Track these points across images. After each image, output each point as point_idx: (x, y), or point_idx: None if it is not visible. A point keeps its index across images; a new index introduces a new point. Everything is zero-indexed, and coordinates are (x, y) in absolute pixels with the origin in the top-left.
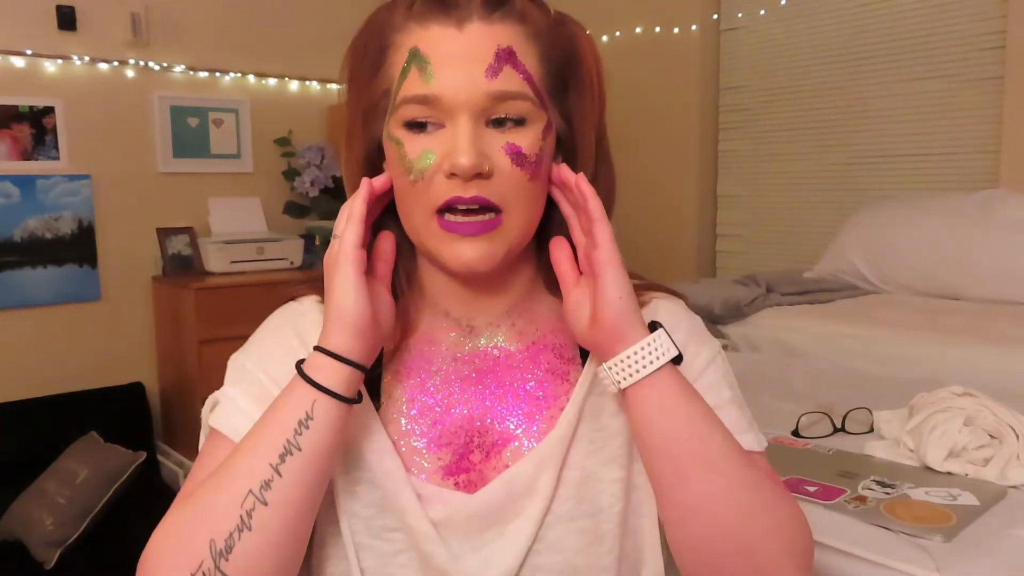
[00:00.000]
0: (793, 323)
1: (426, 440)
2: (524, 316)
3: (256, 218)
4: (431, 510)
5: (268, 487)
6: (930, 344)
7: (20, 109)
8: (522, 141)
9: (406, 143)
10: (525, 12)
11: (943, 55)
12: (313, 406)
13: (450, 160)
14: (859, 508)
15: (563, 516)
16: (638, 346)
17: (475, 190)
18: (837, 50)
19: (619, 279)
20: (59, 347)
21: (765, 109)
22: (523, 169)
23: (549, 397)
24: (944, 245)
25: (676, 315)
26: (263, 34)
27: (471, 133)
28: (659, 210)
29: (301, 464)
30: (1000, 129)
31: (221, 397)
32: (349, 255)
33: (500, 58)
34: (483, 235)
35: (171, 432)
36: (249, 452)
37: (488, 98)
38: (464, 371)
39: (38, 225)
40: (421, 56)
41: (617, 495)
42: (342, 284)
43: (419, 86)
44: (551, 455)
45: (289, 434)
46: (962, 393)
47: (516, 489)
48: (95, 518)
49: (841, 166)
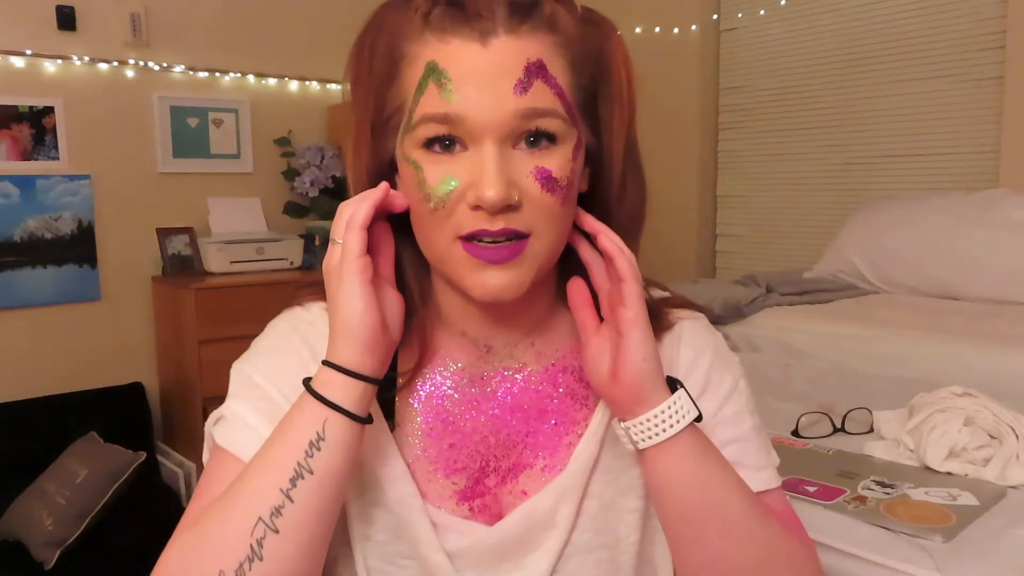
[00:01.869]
0: (793, 323)
1: (441, 463)
2: (544, 336)
3: (256, 218)
4: (447, 540)
5: (279, 513)
6: (930, 344)
7: (20, 109)
8: (552, 163)
9: (425, 167)
10: (555, 18)
11: (943, 55)
12: (324, 426)
13: (475, 192)
14: (859, 508)
15: (581, 548)
16: (658, 409)
17: (503, 223)
18: (837, 50)
19: (645, 341)
20: (59, 347)
21: (765, 109)
22: (554, 195)
23: (568, 422)
24: (944, 245)
25: (701, 339)
26: (263, 34)
27: (498, 160)
28: (659, 210)
29: (313, 487)
30: (1000, 129)
31: (227, 412)
32: (353, 266)
33: (530, 72)
34: (510, 261)
35: (171, 432)
36: (258, 476)
37: (517, 117)
38: (480, 393)
39: (38, 225)
40: (440, 71)
41: (634, 525)
42: (349, 297)
43: (439, 104)
44: (571, 487)
45: (300, 456)
46: (962, 393)
47: (536, 522)
48: (95, 518)
49: (841, 166)
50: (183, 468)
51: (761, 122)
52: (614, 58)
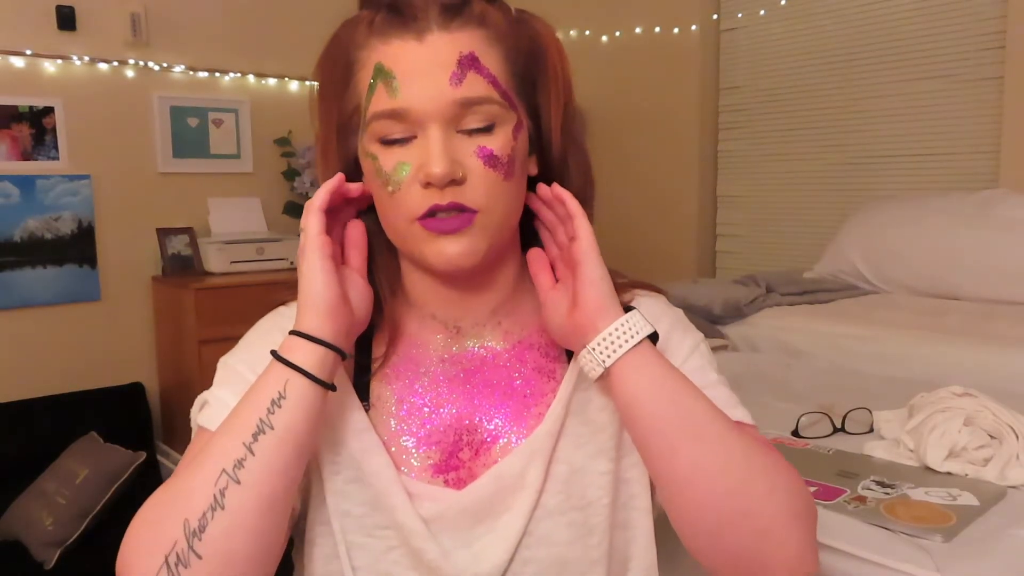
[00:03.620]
0: (793, 323)
1: (415, 440)
2: (510, 316)
3: (256, 218)
4: (421, 507)
5: (241, 466)
6: (930, 344)
7: (20, 109)
8: (493, 144)
9: (381, 157)
10: (484, 16)
11: (943, 55)
12: (286, 385)
13: (424, 170)
14: (859, 508)
15: (552, 510)
16: (618, 323)
17: (451, 196)
18: (837, 50)
19: (598, 263)
20: (59, 347)
21: (765, 109)
22: (496, 171)
23: (536, 394)
24: (944, 245)
25: (658, 308)
26: (263, 34)
27: (442, 142)
28: (659, 210)
29: (274, 443)
30: (1000, 129)
31: (210, 397)
32: (312, 241)
33: (463, 65)
34: (463, 231)
35: (171, 432)
36: (224, 433)
37: (455, 105)
38: (452, 371)
39: (38, 225)
40: (386, 71)
41: (605, 488)
42: (309, 269)
43: (387, 101)
44: (539, 449)
45: (262, 413)
46: (962, 393)
47: (505, 484)
48: (95, 518)
49: (841, 166)
50: None
51: (761, 122)
52: (548, 46)
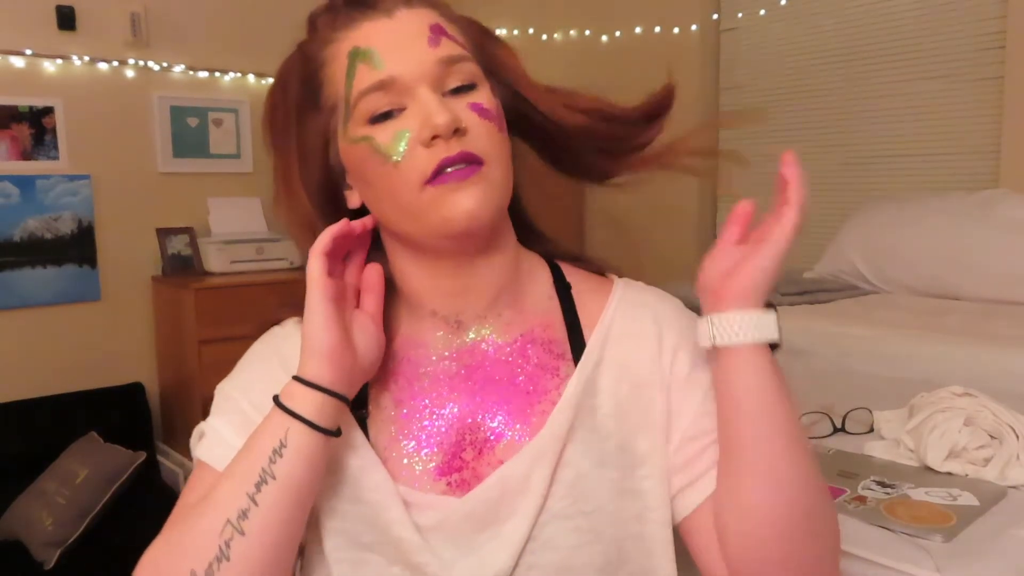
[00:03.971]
0: (793, 323)
1: (416, 442)
2: (511, 307)
3: (256, 218)
4: (423, 517)
5: (245, 516)
6: (930, 344)
7: (20, 109)
8: (480, 99)
9: (376, 135)
10: (436, 4)
11: (943, 55)
12: (287, 434)
13: (428, 125)
14: (859, 508)
15: (558, 514)
16: (755, 313)
17: (458, 146)
18: (837, 50)
19: (779, 257)
20: (59, 347)
21: (765, 109)
22: (491, 121)
23: (539, 391)
24: (944, 245)
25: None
26: (263, 34)
27: (436, 98)
28: (659, 210)
29: (276, 493)
30: (1000, 129)
31: (207, 428)
32: (315, 283)
33: (435, 31)
34: (474, 178)
35: (171, 432)
36: (227, 481)
37: (440, 64)
38: (453, 368)
39: (38, 225)
40: (363, 51)
41: (610, 494)
42: (310, 312)
43: (372, 75)
44: (544, 452)
45: (264, 462)
46: (962, 393)
47: (509, 488)
48: (95, 518)
49: (841, 166)
50: (183, 468)
51: (761, 122)
52: (492, 38)
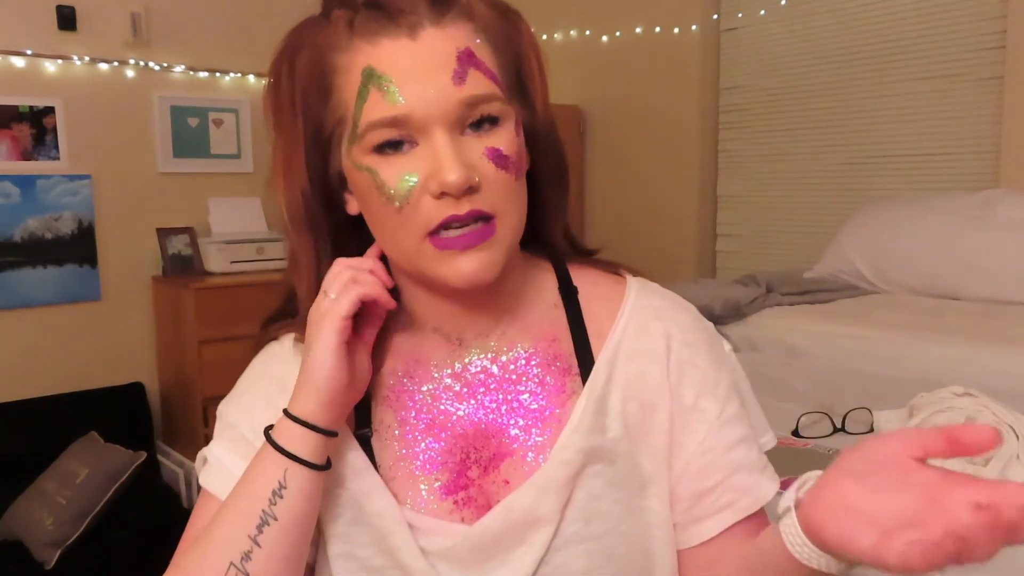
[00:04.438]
0: (793, 323)
1: (421, 461)
2: (514, 324)
3: (256, 218)
4: (431, 542)
5: (248, 558)
6: (930, 344)
7: (20, 109)
8: (500, 142)
9: (380, 170)
10: (472, 8)
11: (943, 55)
12: (286, 475)
13: (437, 179)
14: None
15: (570, 539)
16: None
17: (468, 205)
18: (837, 50)
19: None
20: (59, 347)
21: (765, 109)
22: (508, 171)
23: (546, 407)
24: (944, 245)
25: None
26: (263, 34)
27: (452, 146)
28: (659, 210)
29: (279, 533)
30: (1000, 129)
31: (209, 455)
32: (335, 324)
33: (463, 62)
34: (481, 244)
35: (171, 432)
36: (229, 523)
37: (461, 106)
38: (457, 386)
39: (38, 225)
40: (378, 75)
41: (622, 515)
42: (321, 351)
43: (384, 108)
44: (552, 479)
45: (264, 504)
46: (962, 393)
47: (518, 517)
48: (95, 518)
49: (841, 166)
50: (183, 468)
51: (761, 122)
52: (527, 37)
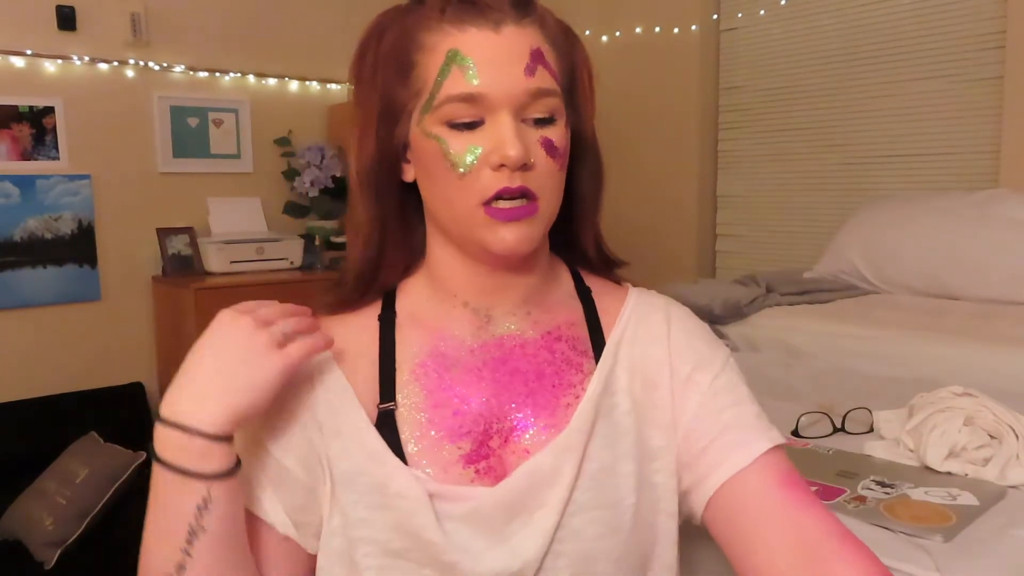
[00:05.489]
0: (793, 323)
1: (446, 431)
2: (540, 305)
3: (256, 218)
4: (454, 507)
5: (183, 568)
6: (930, 344)
7: (20, 109)
8: (553, 135)
9: (449, 140)
10: (544, 18)
11: (943, 55)
12: (209, 492)
13: (499, 153)
14: (859, 508)
15: (584, 505)
16: None
17: (520, 180)
18: (837, 50)
19: None
20: (59, 347)
21: (765, 109)
22: (556, 160)
23: (563, 385)
24: (944, 245)
25: (691, 321)
26: (263, 34)
27: (515, 128)
28: (659, 210)
29: (210, 542)
30: (1000, 129)
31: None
32: (287, 364)
33: (534, 58)
34: (524, 219)
35: None
36: (155, 539)
37: (527, 95)
38: (481, 360)
39: (38, 225)
40: (462, 57)
41: (631, 487)
42: (261, 378)
43: (463, 85)
44: (572, 445)
45: (191, 519)
46: (962, 393)
47: (539, 478)
48: (95, 518)
49: (841, 166)
50: None
51: (761, 122)
52: (583, 59)
